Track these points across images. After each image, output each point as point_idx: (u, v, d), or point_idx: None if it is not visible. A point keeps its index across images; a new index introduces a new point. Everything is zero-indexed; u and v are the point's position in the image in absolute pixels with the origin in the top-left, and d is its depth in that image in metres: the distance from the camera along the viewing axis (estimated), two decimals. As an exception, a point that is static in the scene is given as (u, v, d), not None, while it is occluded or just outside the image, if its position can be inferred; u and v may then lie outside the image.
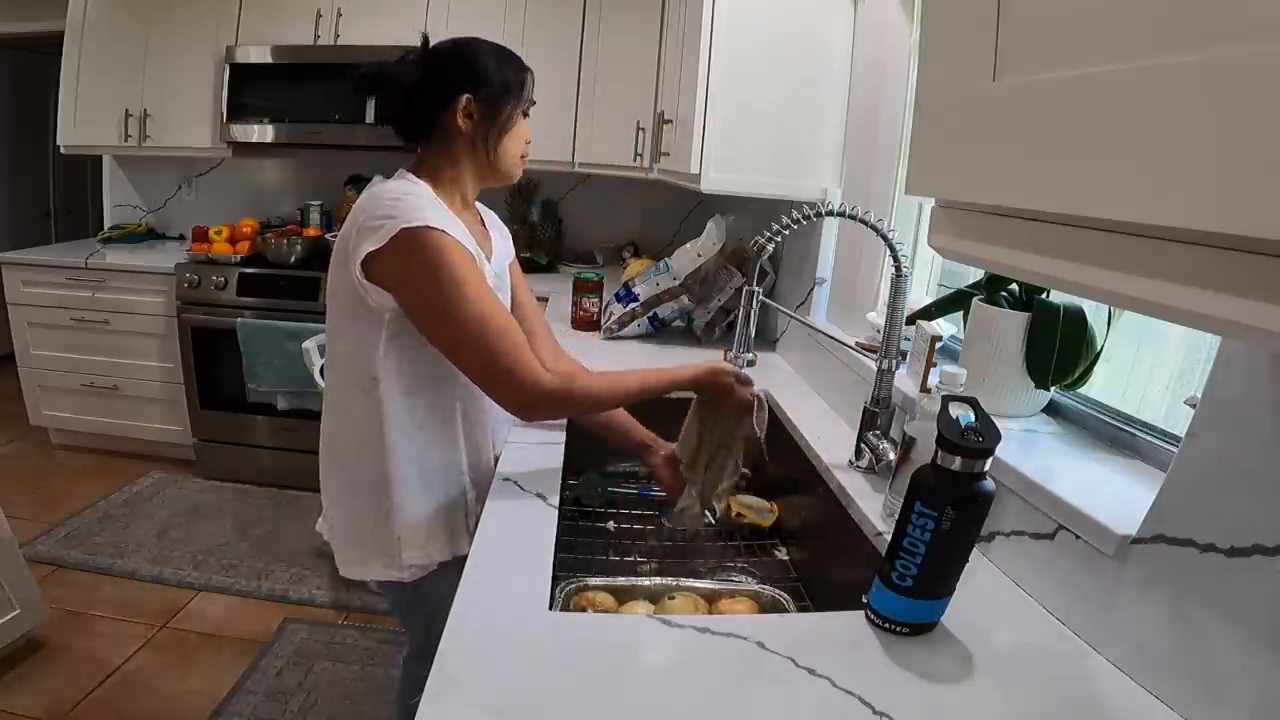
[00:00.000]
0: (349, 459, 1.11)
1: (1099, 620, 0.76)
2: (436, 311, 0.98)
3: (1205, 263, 0.36)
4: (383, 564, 1.12)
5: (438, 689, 0.66)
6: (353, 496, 1.11)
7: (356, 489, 1.10)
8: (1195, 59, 0.35)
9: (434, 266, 0.95)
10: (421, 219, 0.95)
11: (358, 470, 1.09)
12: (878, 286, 1.56)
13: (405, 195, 0.99)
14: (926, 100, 0.62)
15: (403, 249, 0.95)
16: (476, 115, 1.07)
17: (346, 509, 1.13)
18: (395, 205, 0.97)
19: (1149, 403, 0.99)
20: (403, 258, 0.96)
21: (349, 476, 1.11)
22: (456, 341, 0.99)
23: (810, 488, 1.26)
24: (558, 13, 2.79)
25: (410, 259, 0.96)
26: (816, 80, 1.70)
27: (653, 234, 3.25)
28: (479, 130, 1.08)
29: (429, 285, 0.96)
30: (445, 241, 0.96)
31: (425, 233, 0.95)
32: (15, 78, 4.09)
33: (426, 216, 0.96)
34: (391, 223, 0.95)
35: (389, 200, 0.98)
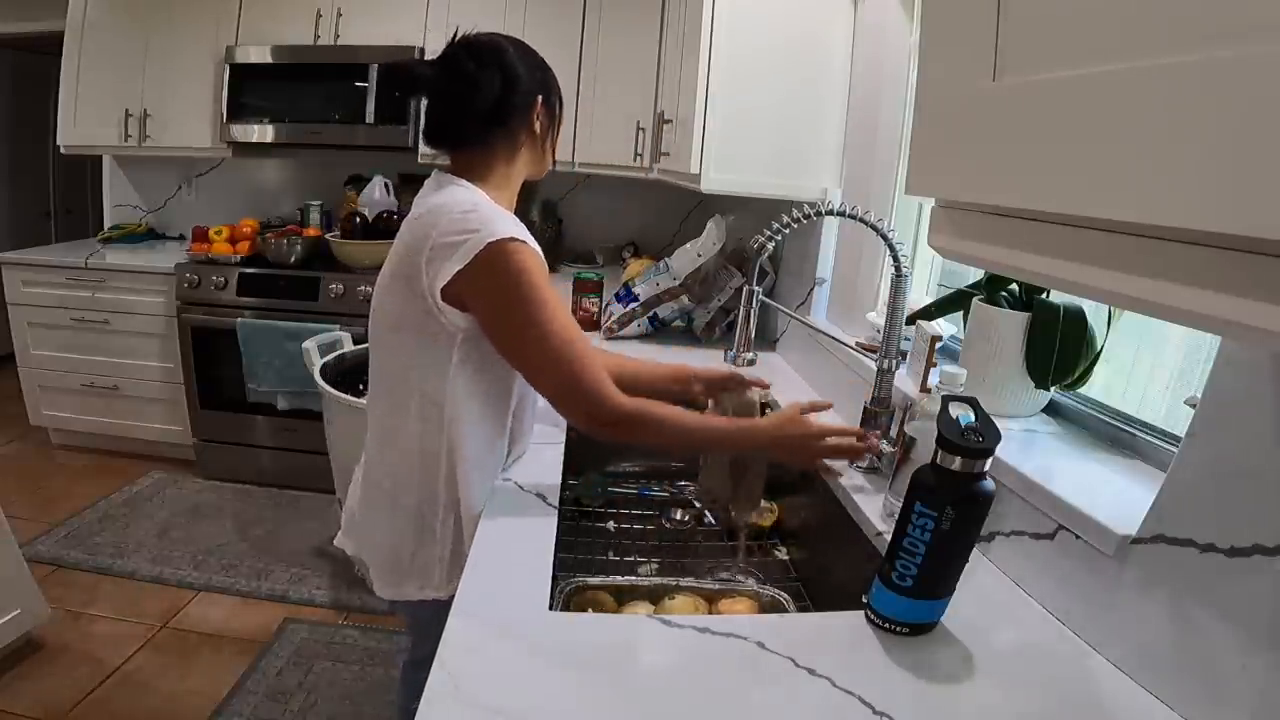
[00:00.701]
0: (398, 481, 1.04)
1: (1099, 620, 0.76)
2: (520, 328, 0.93)
3: (1205, 263, 0.36)
4: (418, 585, 1.06)
5: (438, 689, 0.66)
6: (393, 518, 1.05)
7: (400, 511, 1.05)
8: (1195, 59, 0.35)
9: (520, 282, 0.92)
10: (504, 231, 0.91)
11: (405, 493, 1.04)
12: (878, 286, 1.56)
13: (478, 207, 0.95)
14: (926, 100, 0.62)
15: (487, 265, 0.91)
16: (544, 116, 1.07)
17: (387, 530, 1.07)
18: (469, 219, 0.92)
19: (1149, 403, 0.99)
20: (488, 274, 0.91)
21: (394, 499, 1.05)
22: (539, 359, 0.95)
23: (810, 488, 1.26)
24: (558, 13, 2.79)
25: (496, 274, 0.91)
26: (816, 80, 1.70)
27: (653, 234, 3.25)
28: (546, 131, 1.09)
29: (515, 301, 0.92)
30: (528, 255, 0.93)
31: (510, 245, 0.91)
32: (15, 78, 4.09)
33: (507, 228, 0.92)
34: (475, 237, 0.90)
35: (462, 213, 0.93)
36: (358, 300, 2.71)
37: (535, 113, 1.05)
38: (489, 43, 1.04)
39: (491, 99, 1.01)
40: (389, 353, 1.03)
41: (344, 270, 2.80)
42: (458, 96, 1.01)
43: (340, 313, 2.71)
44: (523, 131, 1.05)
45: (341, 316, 2.68)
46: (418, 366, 0.99)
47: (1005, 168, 0.50)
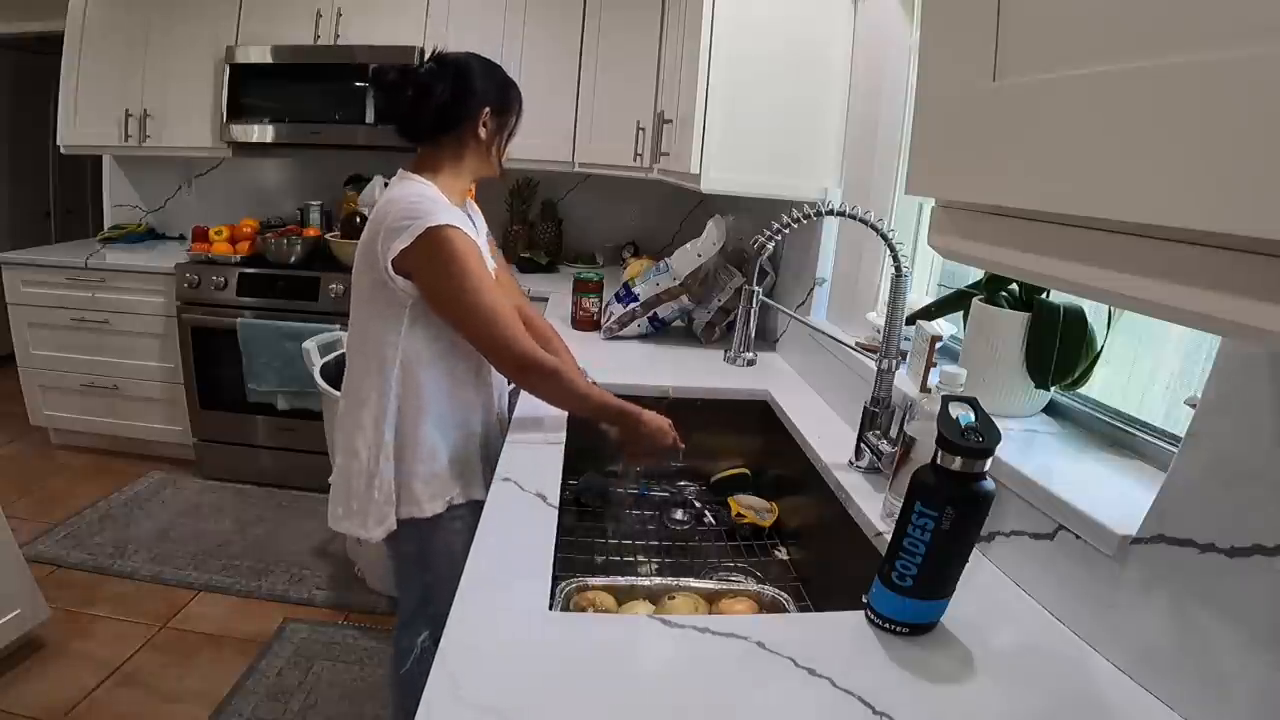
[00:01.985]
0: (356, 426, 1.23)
1: (1099, 620, 0.76)
2: (454, 298, 1.16)
3: (1205, 263, 0.36)
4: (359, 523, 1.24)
5: (439, 688, 0.66)
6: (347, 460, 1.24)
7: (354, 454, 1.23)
8: (1195, 59, 0.35)
9: (452, 260, 1.13)
10: (441, 219, 1.12)
11: (359, 437, 1.22)
12: (878, 286, 1.56)
13: (422, 198, 1.15)
14: (926, 100, 0.62)
15: (427, 245, 1.12)
16: (491, 125, 1.25)
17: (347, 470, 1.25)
18: (416, 207, 1.13)
19: (1149, 403, 0.99)
20: (427, 253, 1.13)
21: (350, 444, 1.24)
22: (470, 322, 1.17)
23: (810, 488, 1.26)
24: (558, 12, 2.79)
25: (434, 254, 1.13)
26: (816, 80, 1.70)
27: (653, 234, 3.25)
28: (492, 138, 1.26)
29: (448, 276, 1.14)
30: (461, 239, 1.14)
31: (446, 230, 1.12)
32: (15, 78, 4.09)
33: (443, 217, 1.13)
34: (417, 223, 1.11)
35: (409, 203, 1.14)
36: (358, 300, 2.71)
37: (481, 120, 1.23)
38: (453, 58, 1.24)
39: (440, 105, 1.20)
40: (358, 323, 1.24)
41: (344, 270, 2.79)
42: (413, 100, 1.20)
43: (340, 313, 2.70)
44: (469, 136, 1.24)
45: (341, 316, 2.66)
46: (377, 330, 1.20)
47: (1005, 168, 0.50)
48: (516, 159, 1.42)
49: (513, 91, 1.29)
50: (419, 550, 1.27)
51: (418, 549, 1.27)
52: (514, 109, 1.29)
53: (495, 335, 1.17)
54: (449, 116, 1.22)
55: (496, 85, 1.26)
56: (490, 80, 1.25)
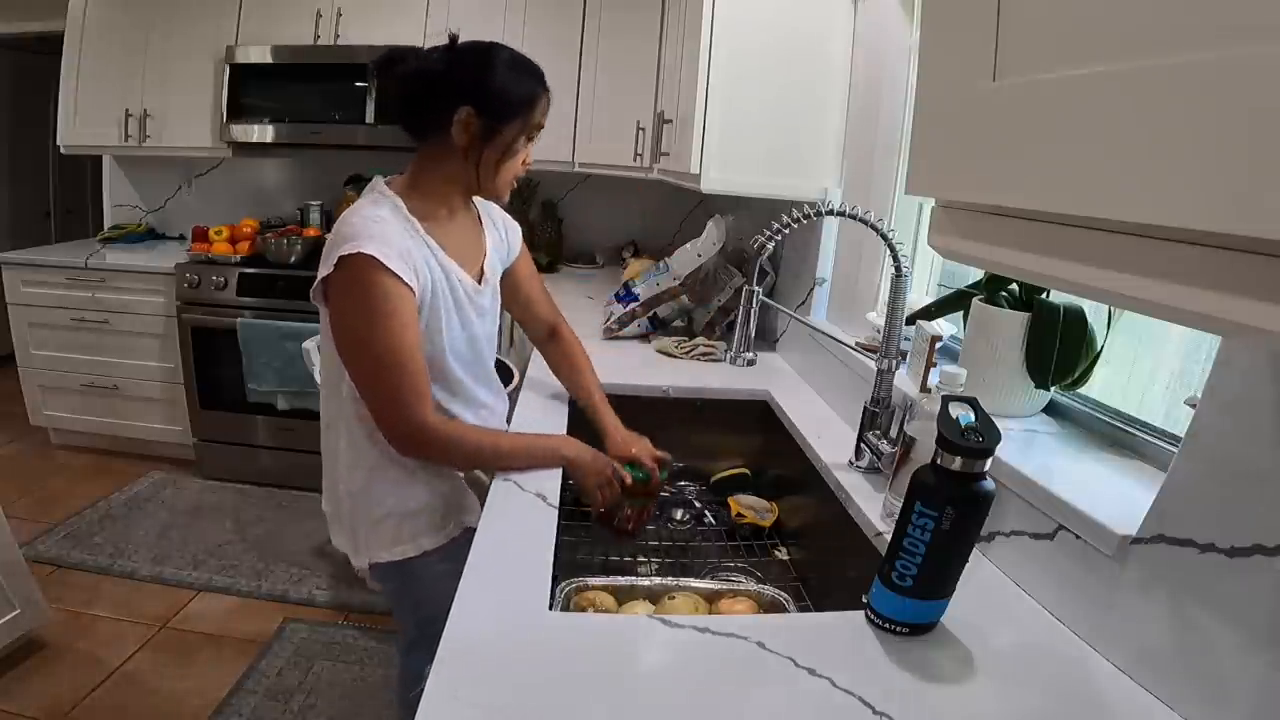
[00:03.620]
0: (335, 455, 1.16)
1: (1099, 620, 0.76)
2: (352, 341, 1.01)
3: (1205, 263, 0.36)
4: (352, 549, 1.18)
5: (438, 689, 0.66)
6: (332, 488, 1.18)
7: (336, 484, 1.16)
8: (1195, 59, 0.35)
9: (358, 298, 0.97)
10: (364, 246, 0.95)
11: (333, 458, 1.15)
12: (878, 286, 1.56)
13: (361, 219, 1.00)
14: (926, 100, 0.62)
15: (340, 274, 0.97)
16: (475, 130, 1.03)
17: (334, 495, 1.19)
18: (343, 229, 0.99)
19: (1149, 403, 0.99)
20: (338, 283, 0.98)
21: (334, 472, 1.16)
22: (358, 365, 1.02)
23: (810, 488, 1.26)
24: (558, 13, 2.79)
25: (344, 285, 0.98)
26: (816, 80, 1.70)
27: (653, 234, 3.25)
28: (474, 146, 1.05)
29: (350, 314, 0.99)
30: (376, 273, 0.96)
31: (360, 259, 0.96)
32: (15, 78, 4.09)
33: (368, 244, 0.96)
34: (337, 250, 0.97)
35: (346, 223, 1.00)
36: (358, 300, 2.71)
37: (457, 120, 1.02)
38: (460, 46, 1.06)
39: (411, 96, 1.04)
40: (324, 347, 1.11)
41: (344, 270, 2.79)
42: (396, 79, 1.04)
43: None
44: (447, 140, 1.04)
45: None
46: (330, 355, 1.08)
47: (1005, 168, 0.50)
48: None
49: (520, 91, 1.05)
50: (403, 585, 1.20)
51: (400, 586, 1.20)
52: (514, 119, 1.05)
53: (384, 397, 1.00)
54: (420, 112, 1.05)
55: (496, 83, 1.03)
56: (484, 72, 1.03)
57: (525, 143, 1.09)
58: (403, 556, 1.14)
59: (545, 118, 1.10)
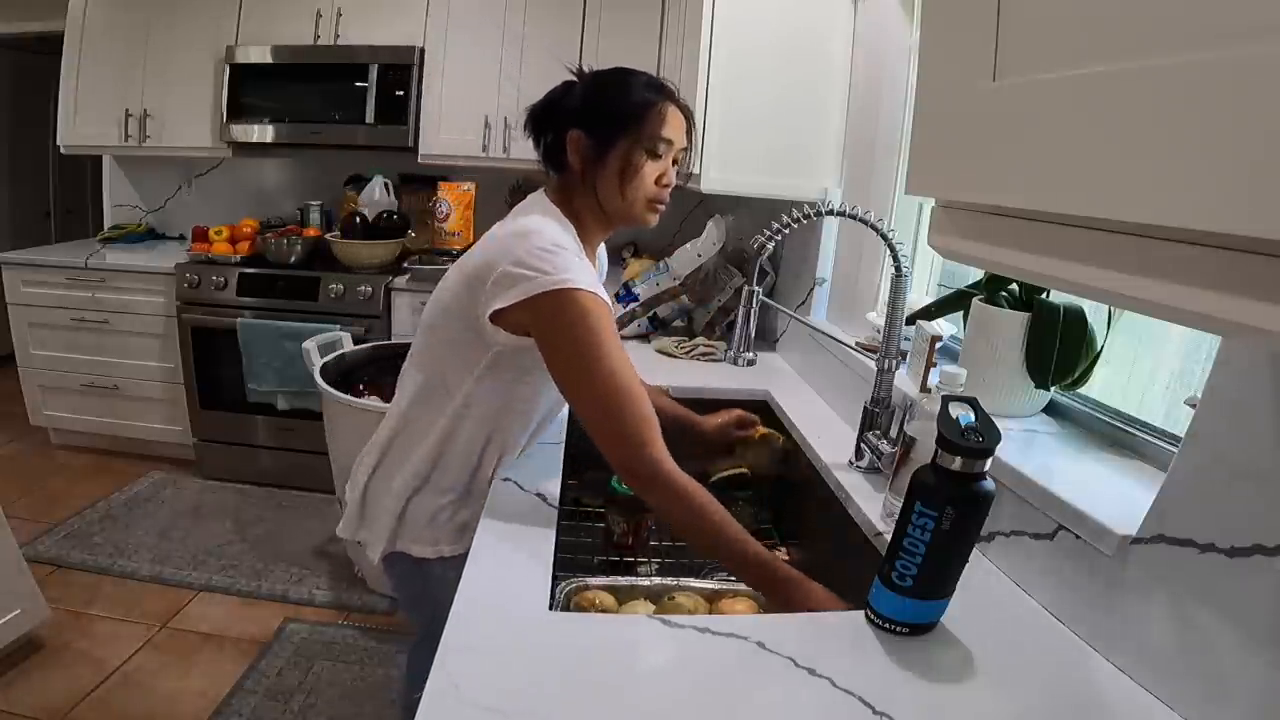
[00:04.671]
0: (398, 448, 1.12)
1: (1099, 620, 0.76)
2: (576, 373, 0.96)
3: (1205, 263, 0.36)
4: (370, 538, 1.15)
5: (439, 689, 0.66)
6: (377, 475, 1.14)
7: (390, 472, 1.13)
8: (1195, 59, 0.35)
9: (577, 329, 0.94)
10: (572, 280, 0.93)
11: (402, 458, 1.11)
12: (878, 286, 1.56)
13: (558, 249, 0.96)
14: (926, 100, 0.62)
15: (549, 308, 0.94)
16: (584, 151, 1.03)
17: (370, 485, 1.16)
18: (545, 258, 0.94)
19: (1149, 403, 0.99)
20: (549, 316, 0.95)
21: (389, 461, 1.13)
22: (590, 404, 0.96)
23: (810, 488, 1.26)
24: (558, 13, 2.79)
25: (557, 318, 0.94)
26: (816, 80, 1.70)
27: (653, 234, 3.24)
28: (587, 168, 1.03)
29: (572, 346, 0.95)
30: (594, 304, 0.95)
31: (577, 294, 0.93)
32: (15, 78, 4.09)
33: (574, 276, 0.94)
34: (542, 279, 0.93)
35: (539, 249, 0.95)
36: (358, 300, 2.71)
37: (570, 144, 1.02)
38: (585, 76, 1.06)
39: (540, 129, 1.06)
40: (433, 333, 1.09)
41: (344, 270, 2.80)
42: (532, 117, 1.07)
43: (340, 313, 2.70)
44: (567, 166, 1.04)
45: (341, 316, 2.68)
46: (451, 354, 1.06)
47: (1005, 168, 0.50)
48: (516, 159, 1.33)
49: (626, 105, 1.01)
50: (420, 586, 1.17)
51: (419, 585, 1.17)
52: (621, 132, 1.01)
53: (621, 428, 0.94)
54: (546, 143, 1.06)
55: (597, 100, 1.03)
56: (593, 94, 1.03)
57: (646, 158, 1.03)
58: (421, 555, 1.12)
59: (671, 131, 1.04)
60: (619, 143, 1.02)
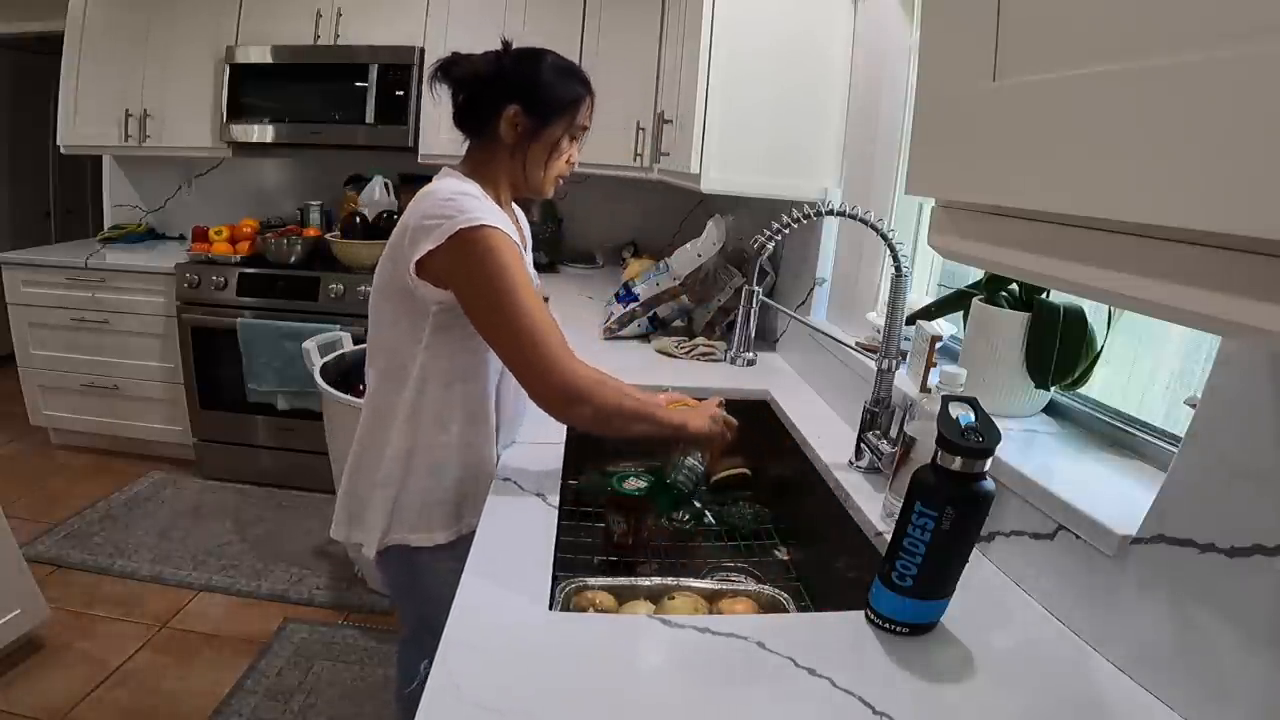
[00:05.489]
0: (366, 434, 1.15)
1: (1099, 620, 0.76)
2: (490, 306, 1.01)
3: (1205, 263, 0.36)
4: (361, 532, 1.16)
5: (438, 689, 0.66)
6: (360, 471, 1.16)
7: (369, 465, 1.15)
8: (1195, 59, 0.35)
9: (489, 264, 0.99)
10: (478, 218, 0.99)
11: (378, 447, 1.13)
12: (878, 286, 1.56)
13: (459, 195, 1.02)
14: (926, 100, 0.62)
15: (460, 247, 0.99)
16: (521, 127, 1.10)
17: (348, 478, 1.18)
18: (449, 204, 1.00)
19: (1149, 403, 0.99)
20: (460, 255, 0.99)
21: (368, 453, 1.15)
22: (506, 335, 1.02)
23: (810, 488, 1.26)
24: (558, 13, 2.79)
25: (468, 257, 0.99)
26: (816, 80, 1.70)
27: (653, 234, 3.25)
28: (520, 143, 1.11)
29: (485, 281, 1.00)
30: (501, 239, 1.00)
31: (482, 230, 0.99)
32: (15, 78, 4.09)
33: (481, 215, 0.99)
34: (449, 222, 0.98)
35: (443, 199, 1.01)
36: (358, 300, 2.71)
37: (505, 118, 1.08)
38: (515, 50, 1.12)
39: (466, 94, 1.10)
40: (378, 321, 1.13)
41: (344, 270, 2.80)
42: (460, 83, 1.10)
43: (340, 313, 2.71)
44: (496, 137, 1.10)
45: (341, 316, 2.68)
46: (396, 333, 1.09)
47: (1005, 168, 0.50)
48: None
49: (564, 93, 1.11)
50: (411, 579, 1.19)
51: (409, 578, 1.19)
52: (561, 117, 1.11)
53: (534, 356, 1.01)
54: (473, 111, 1.11)
55: (541, 84, 1.09)
56: (530, 75, 1.09)
57: (570, 143, 1.15)
58: (419, 544, 1.14)
59: (589, 120, 1.17)
60: (553, 126, 1.11)
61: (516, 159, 1.12)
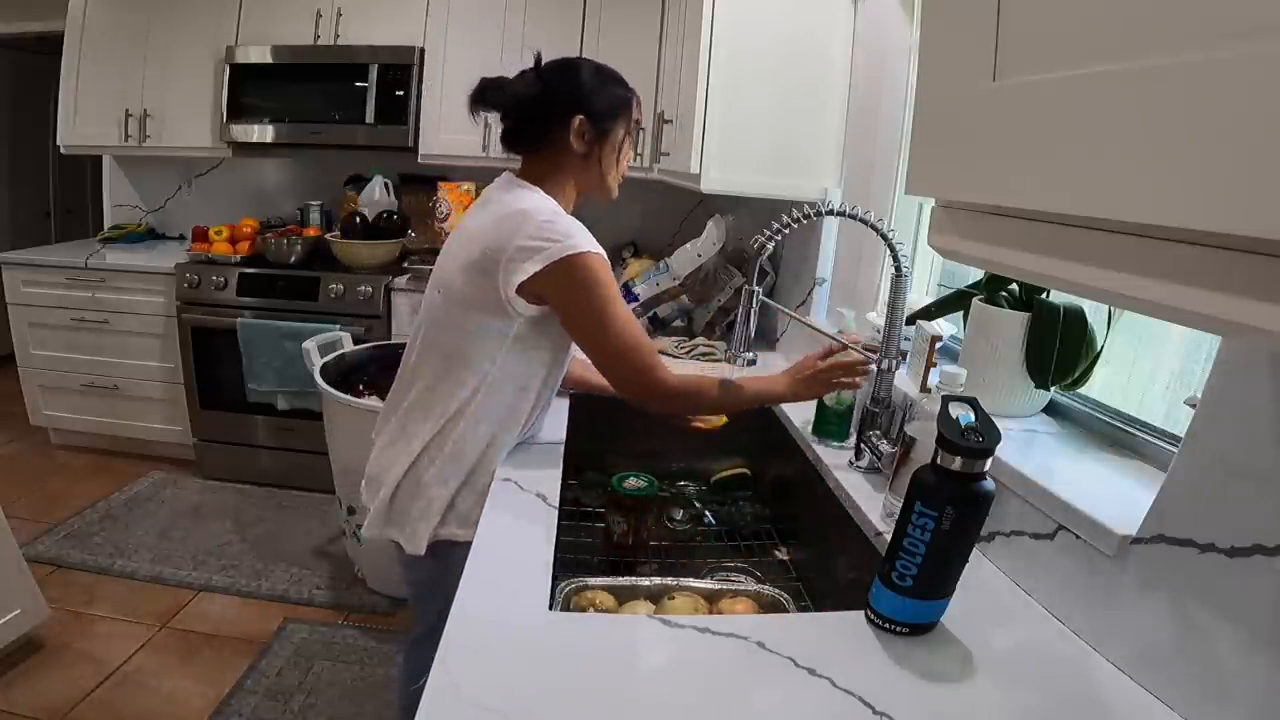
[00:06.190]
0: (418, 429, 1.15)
1: (1099, 620, 0.76)
2: (594, 326, 1.08)
3: (1205, 263, 0.36)
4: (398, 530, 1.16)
5: (439, 689, 0.66)
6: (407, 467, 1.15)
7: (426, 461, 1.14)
8: (1195, 59, 0.35)
9: (593, 287, 1.06)
10: (580, 244, 1.05)
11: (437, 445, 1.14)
12: (878, 286, 1.56)
13: (556, 216, 1.08)
14: (926, 100, 0.62)
15: (566, 272, 1.04)
16: (589, 135, 1.15)
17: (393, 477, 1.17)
18: (550, 227, 1.05)
19: (1149, 403, 0.99)
20: (566, 279, 1.05)
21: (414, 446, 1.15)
22: (609, 349, 1.10)
23: (810, 488, 1.26)
24: (558, 13, 2.79)
25: (572, 281, 1.06)
26: (816, 80, 1.70)
27: (653, 234, 3.24)
28: (591, 150, 1.16)
29: (589, 303, 1.07)
30: (599, 263, 1.07)
31: (585, 257, 1.05)
32: (15, 78, 4.09)
33: (581, 241, 1.06)
34: (554, 246, 1.03)
35: (543, 221, 1.06)
36: (358, 300, 2.71)
37: (572, 129, 1.13)
38: (557, 62, 1.17)
39: (529, 108, 1.14)
40: (451, 328, 1.14)
41: (344, 270, 2.80)
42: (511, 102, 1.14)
43: (340, 313, 2.70)
44: (565, 148, 1.14)
45: (341, 316, 2.68)
46: (477, 342, 1.12)
47: (1005, 168, 0.50)
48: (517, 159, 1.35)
49: (618, 96, 1.18)
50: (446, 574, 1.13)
51: (444, 573, 1.14)
52: (620, 118, 1.18)
53: (632, 369, 1.10)
54: (527, 128, 1.15)
55: (596, 92, 1.15)
56: (589, 86, 1.15)
57: (628, 140, 1.22)
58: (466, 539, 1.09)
59: (641, 115, 1.24)
60: (616, 128, 1.18)
61: (590, 165, 1.18)
